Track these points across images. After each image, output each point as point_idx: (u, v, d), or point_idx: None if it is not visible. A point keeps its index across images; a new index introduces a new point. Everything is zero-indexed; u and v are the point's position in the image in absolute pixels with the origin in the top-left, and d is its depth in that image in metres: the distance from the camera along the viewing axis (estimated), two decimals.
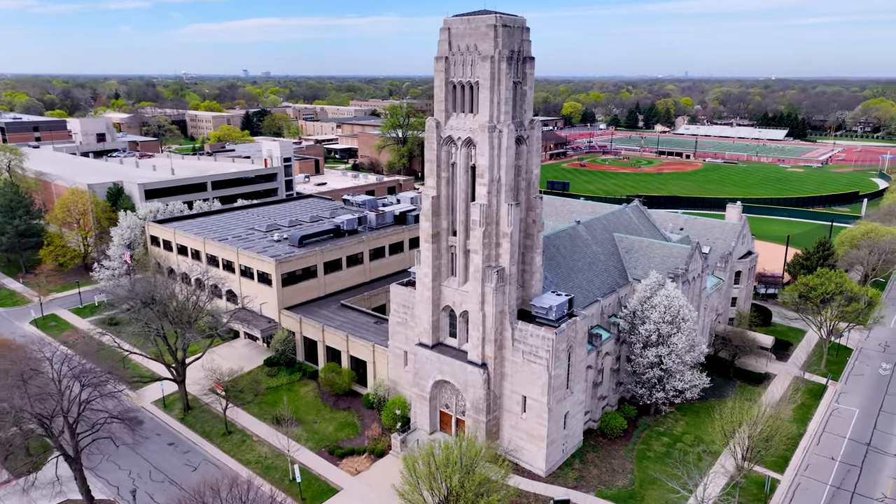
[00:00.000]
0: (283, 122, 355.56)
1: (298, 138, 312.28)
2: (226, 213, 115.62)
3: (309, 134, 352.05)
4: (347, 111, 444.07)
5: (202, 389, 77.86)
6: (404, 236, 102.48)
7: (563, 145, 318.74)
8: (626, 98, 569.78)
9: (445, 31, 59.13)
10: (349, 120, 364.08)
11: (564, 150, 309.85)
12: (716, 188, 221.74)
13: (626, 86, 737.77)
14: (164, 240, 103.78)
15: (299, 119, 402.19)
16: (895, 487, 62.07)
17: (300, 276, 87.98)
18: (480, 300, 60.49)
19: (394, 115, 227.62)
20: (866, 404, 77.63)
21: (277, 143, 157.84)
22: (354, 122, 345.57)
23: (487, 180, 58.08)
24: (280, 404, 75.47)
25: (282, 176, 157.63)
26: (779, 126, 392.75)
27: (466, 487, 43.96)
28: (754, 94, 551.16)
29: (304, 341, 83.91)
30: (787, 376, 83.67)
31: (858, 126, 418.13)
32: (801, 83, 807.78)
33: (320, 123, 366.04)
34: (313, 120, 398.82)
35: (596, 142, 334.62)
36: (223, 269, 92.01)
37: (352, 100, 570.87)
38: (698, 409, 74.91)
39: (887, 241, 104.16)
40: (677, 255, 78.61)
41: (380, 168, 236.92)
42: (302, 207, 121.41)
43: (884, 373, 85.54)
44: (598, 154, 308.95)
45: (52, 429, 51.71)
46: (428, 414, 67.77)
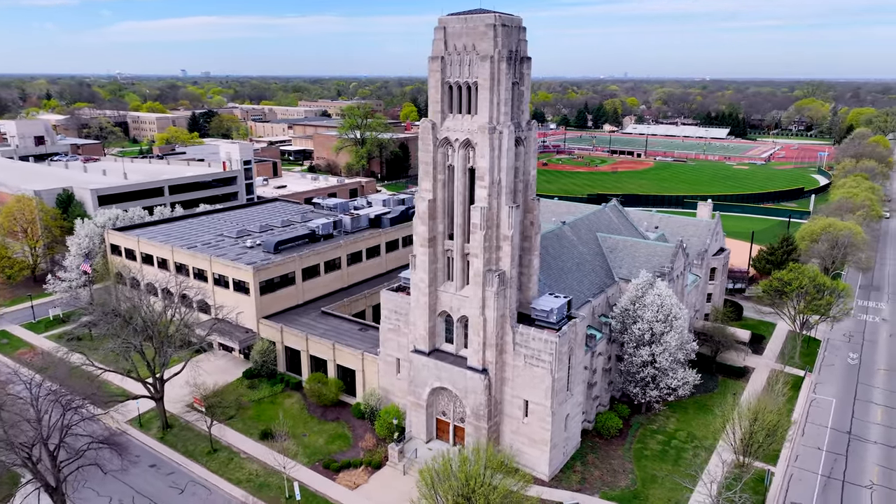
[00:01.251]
0: (232, 123, 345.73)
1: (249, 140, 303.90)
2: (190, 219, 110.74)
3: (259, 135, 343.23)
4: (297, 112, 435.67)
5: (180, 406, 74.21)
6: (381, 240, 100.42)
7: None
8: (572, 98, 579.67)
9: (440, 30, 57.73)
10: (301, 121, 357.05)
11: None
12: (671, 186, 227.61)
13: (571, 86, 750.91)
14: (126, 248, 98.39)
15: (247, 120, 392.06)
16: (881, 474, 64.32)
17: (278, 284, 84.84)
18: (481, 304, 59.36)
19: (351, 116, 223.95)
20: (841, 394, 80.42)
21: (237, 146, 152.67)
22: (307, 123, 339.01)
23: (488, 183, 57.01)
24: (264, 418, 72.62)
25: (242, 179, 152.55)
26: (721, 125, 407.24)
27: (491, 500, 42.72)
28: (695, 95, 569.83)
29: (286, 351, 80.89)
30: (765, 369, 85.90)
31: (793, 125, 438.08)
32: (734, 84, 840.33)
33: (270, 125, 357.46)
34: (263, 121, 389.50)
35: (550, 142, 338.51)
36: (194, 279, 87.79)
37: (300, 100, 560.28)
38: (686, 405, 75.94)
39: (845, 235, 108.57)
40: (662, 254, 79.52)
41: (337, 170, 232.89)
42: (269, 212, 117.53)
43: (852, 362, 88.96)
44: (553, 154, 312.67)
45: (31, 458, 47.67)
46: (424, 422, 66.21)
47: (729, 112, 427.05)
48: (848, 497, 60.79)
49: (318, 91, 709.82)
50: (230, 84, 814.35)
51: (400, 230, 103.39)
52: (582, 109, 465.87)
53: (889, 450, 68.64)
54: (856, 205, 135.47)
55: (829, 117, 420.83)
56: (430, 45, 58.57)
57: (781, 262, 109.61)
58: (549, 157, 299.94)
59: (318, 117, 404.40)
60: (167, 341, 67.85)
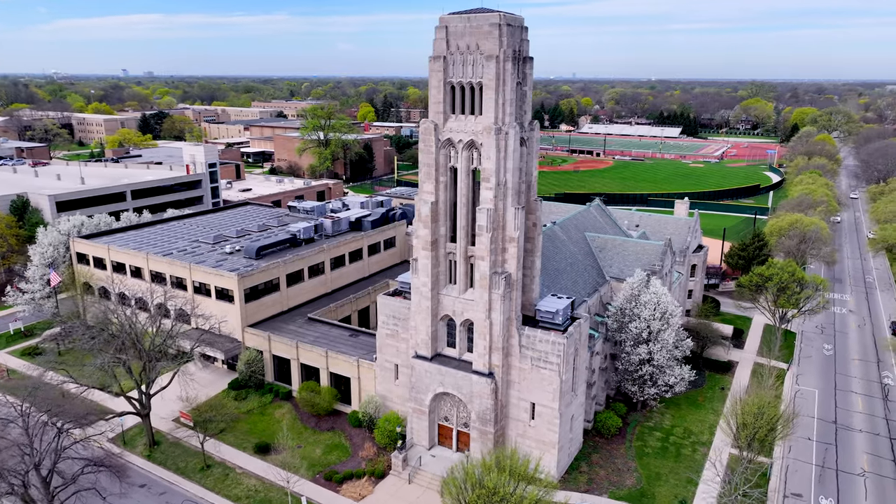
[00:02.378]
0: (185, 125, 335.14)
1: (205, 142, 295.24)
2: (160, 226, 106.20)
3: (214, 137, 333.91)
4: (252, 113, 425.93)
5: (165, 422, 70.96)
6: (363, 243, 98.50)
7: None
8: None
9: (442, 29, 56.68)
10: (257, 122, 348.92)
11: None
12: (633, 184, 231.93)
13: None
14: (94, 257, 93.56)
15: (200, 122, 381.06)
16: (871, 461, 66.50)
17: (263, 291, 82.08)
18: (487, 308, 58.57)
19: (314, 117, 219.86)
20: (822, 384, 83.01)
21: (201, 148, 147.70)
22: (264, 124, 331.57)
23: (494, 184, 56.24)
24: (256, 431, 70.15)
25: (207, 183, 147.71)
26: (673, 124, 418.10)
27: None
28: (646, 95, 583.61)
29: (274, 360, 78.30)
30: (748, 363, 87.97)
31: (740, 124, 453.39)
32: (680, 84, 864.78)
33: (226, 126, 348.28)
34: (216, 122, 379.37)
35: None
36: (172, 287, 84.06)
37: (253, 101, 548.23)
38: (679, 401, 76.97)
39: (812, 230, 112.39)
40: (651, 252, 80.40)
41: (300, 172, 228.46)
42: (242, 216, 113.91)
43: (827, 353, 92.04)
44: None
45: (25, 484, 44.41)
46: (427, 429, 64.98)
47: (680, 112, 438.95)
48: (843, 486, 62.58)
49: (271, 91, 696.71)
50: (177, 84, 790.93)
51: (381, 233, 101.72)
52: (538, 109, 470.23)
53: (874, 437, 71.10)
54: (815, 201, 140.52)
55: (773, 116, 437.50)
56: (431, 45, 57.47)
57: (753, 257, 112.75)
58: None
59: (274, 118, 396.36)
60: (154, 354, 64.62)
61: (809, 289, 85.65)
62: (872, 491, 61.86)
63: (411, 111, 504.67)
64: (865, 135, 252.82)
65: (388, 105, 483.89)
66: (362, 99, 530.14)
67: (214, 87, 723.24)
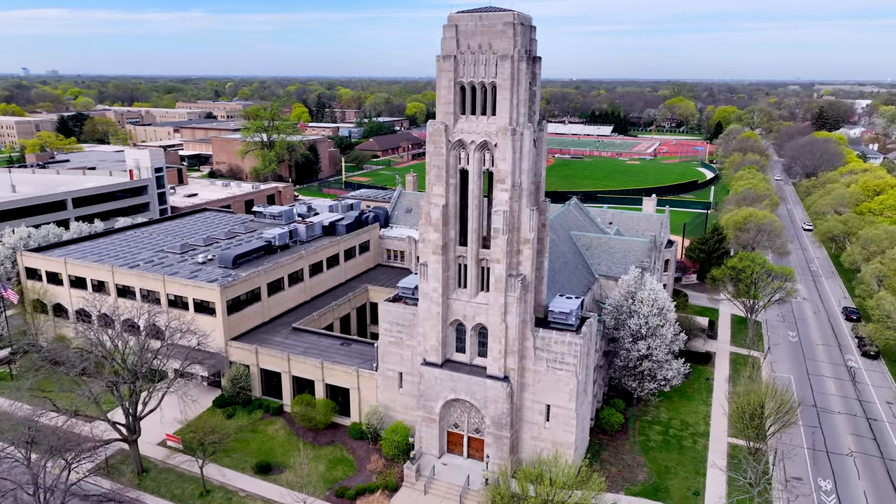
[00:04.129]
0: (108, 127, 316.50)
1: (133, 145, 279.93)
2: (115, 235, 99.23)
3: (141, 140, 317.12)
4: (179, 114, 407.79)
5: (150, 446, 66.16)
6: (339, 248, 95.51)
7: (420, 145, 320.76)
8: None
9: (452, 28, 55.35)
10: (188, 123, 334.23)
11: (424, 150, 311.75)
12: (576, 182, 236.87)
13: None
14: (48, 272, 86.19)
15: (124, 124, 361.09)
16: (855, 441, 70.18)
17: (244, 302, 78.01)
18: (502, 311, 57.74)
19: (257, 118, 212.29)
20: (795, 370, 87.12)
21: (147, 152, 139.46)
22: (196, 125, 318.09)
23: (509, 185, 55.47)
24: (251, 449, 66.60)
25: (153, 188, 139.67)
26: (604, 123, 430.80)
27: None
28: (575, 95, 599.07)
29: (262, 374, 74.56)
30: (725, 353, 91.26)
31: (666, 122, 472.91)
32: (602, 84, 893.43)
33: (153, 128, 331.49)
34: (141, 124, 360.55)
35: None
36: (143, 302, 78.54)
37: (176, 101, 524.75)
38: (670, 394, 78.69)
39: (767, 223, 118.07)
40: (637, 249, 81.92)
41: (242, 175, 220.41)
42: (203, 223, 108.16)
43: (793, 340, 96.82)
44: None
45: None
46: (437, 437, 63.50)
47: (611, 111, 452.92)
48: (836, 467, 65.68)
49: (195, 92, 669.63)
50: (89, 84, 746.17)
51: (357, 237, 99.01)
52: None
53: (853, 418, 75.14)
54: (759, 195, 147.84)
55: (696, 115, 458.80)
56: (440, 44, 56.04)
57: (713, 251, 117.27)
58: None
59: (203, 119, 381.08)
60: (144, 375, 60.04)
61: (780, 279, 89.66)
62: (863, 470, 65.24)
63: (346, 111, 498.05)
64: (787, 132, 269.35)
65: (322, 105, 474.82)
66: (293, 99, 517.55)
67: (132, 87, 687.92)
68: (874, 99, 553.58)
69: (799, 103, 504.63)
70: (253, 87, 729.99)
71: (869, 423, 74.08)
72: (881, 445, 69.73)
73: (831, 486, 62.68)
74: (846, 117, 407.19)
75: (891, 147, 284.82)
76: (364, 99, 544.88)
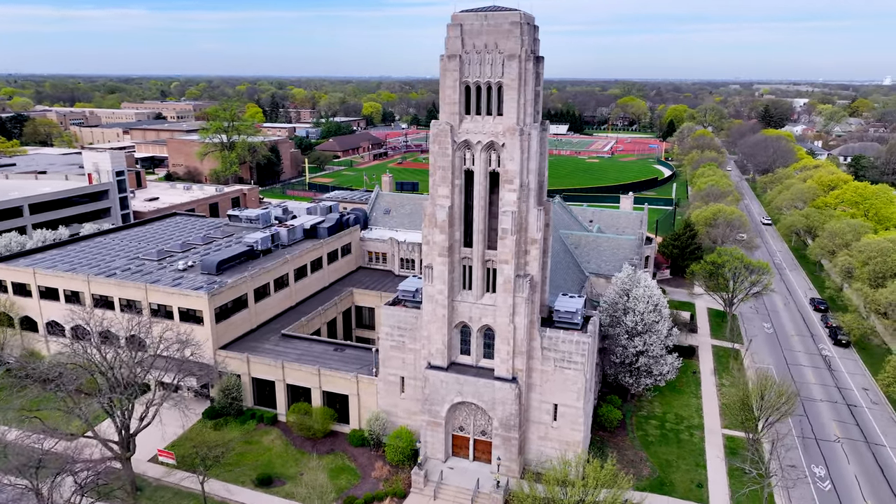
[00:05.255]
0: (52, 129, 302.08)
1: (80, 147, 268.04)
2: (83, 243, 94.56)
3: (88, 142, 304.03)
4: (126, 115, 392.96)
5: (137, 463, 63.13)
6: (322, 251, 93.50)
7: (381, 145, 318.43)
8: (415, 98, 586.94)
9: (456, 27, 54.72)
10: (138, 125, 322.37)
11: (385, 150, 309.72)
12: None
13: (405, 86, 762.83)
14: (14, 283, 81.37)
15: (67, 125, 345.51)
16: (841, 428, 72.87)
17: (232, 309, 75.46)
18: (511, 312, 57.48)
19: (216, 119, 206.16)
20: (775, 360, 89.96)
21: (107, 154, 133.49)
22: (147, 126, 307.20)
23: (517, 186, 55.21)
24: (248, 461, 64.47)
25: (115, 193, 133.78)
26: (560, 122, 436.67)
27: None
28: None
29: (253, 383, 72.25)
30: (707, 346, 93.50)
31: (619, 121, 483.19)
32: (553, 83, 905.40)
33: (101, 130, 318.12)
34: (87, 126, 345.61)
35: (411, 141, 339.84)
36: (122, 312, 74.95)
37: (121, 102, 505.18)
38: (661, 388, 79.96)
39: (735, 218, 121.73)
40: (626, 247, 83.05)
41: (200, 177, 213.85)
42: (176, 228, 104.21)
43: (769, 332, 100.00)
44: (417, 153, 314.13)
45: None
46: (443, 441, 62.75)
47: (565, 110, 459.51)
48: (826, 453, 68.05)
49: (139, 92, 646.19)
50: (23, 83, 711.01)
51: (339, 239, 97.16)
52: (431, 108, 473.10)
53: (833, 405, 78.04)
54: (722, 192, 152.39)
55: (647, 114, 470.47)
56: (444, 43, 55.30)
57: (686, 246, 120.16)
58: (415, 157, 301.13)
59: (153, 120, 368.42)
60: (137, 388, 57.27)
61: (757, 273, 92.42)
62: (852, 455, 67.77)
63: (300, 111, 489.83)
64: (738, 129, 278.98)
65: (276, 105, 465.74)
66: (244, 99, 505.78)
67: (71, 86, 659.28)
68: (810, 98, 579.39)
69: (743, 102, 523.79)
70: (200, 86, 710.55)
71: (850, 410, 77.06)
72: (864, 431, 72.60)
73: (824, 472, 64.87)
74: (788, 115, 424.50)
75: (832, 144, 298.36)
76: (318, 99, 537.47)
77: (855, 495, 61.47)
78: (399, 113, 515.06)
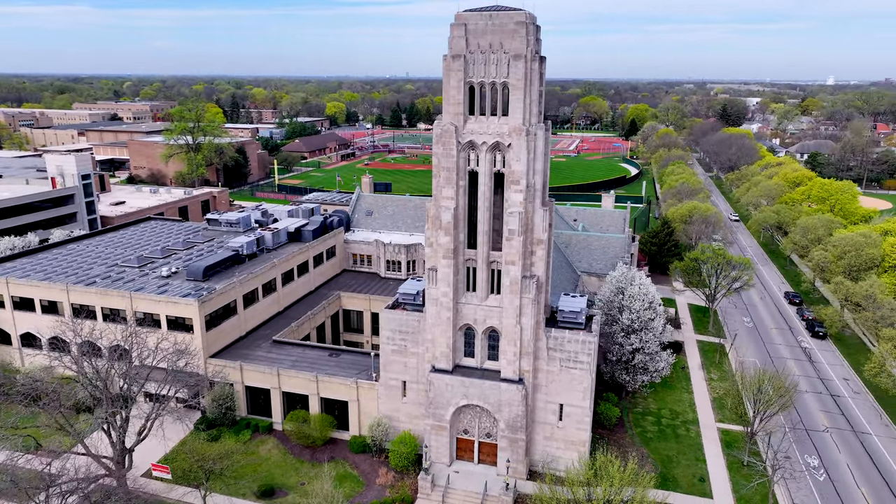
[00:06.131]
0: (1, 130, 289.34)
1: (34, 149, 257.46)
2: (55, 250, 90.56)
3: (41, 144, 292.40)
4: (80, 116, 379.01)
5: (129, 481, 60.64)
6: (308, 255, 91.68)
7: (347, 146, 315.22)
8: (377, 98, 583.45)
9: (460, 27, 54.16)
10: (94, 126, 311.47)
11: (352, 150, 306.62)
12: None
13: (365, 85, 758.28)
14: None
15: (16, 126, 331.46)
16: (828, 418, 74.99)
17: (222, 316, 73.26)
18: (517, 313, 57.24)
19: (182, 120, 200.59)
20: (759, 354, 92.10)
21: (72, 157, 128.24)
22: (105, 128, 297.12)
23: (524, 186, 54.98)
24: (246, 473, 62.51)
25: (81, 198, 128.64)
26: None
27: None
28: None
29: (247, 392, 70.27)
30: (692, 342, 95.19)
31: (581, 120, 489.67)
32: None
33: (54, 132, 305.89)
34: (38, 127, 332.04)
35: (378, 141, 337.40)
36: (105, 322, 71.98)
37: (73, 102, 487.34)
38: (653, 384, 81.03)
39: (711, 215, 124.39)
40: (615, 245, 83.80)
41: (165, 180, 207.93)
42: (153, 234, 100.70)
43: (749, 326, 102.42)
44: (384, 153, 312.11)
45: None
46: (447, 444, 62.15)
47: None
48: (817, 443, 69.93)
49: (91, 92, 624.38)
50: None
51: (324, 242, 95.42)
52: (395, 108, 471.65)
53: (818, 396, 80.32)
54: (693, 189, 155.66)
55: (609, 113, 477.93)
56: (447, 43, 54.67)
57: (664, 243, 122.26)
58: (382, 157, 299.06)
59: (109, 122, 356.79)
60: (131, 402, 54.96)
61: (739, 269, 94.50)
62: (841, 445, 69.80)
63: (262, 111, 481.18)
64: (700, 128, 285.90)
65: (236, 105, 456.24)
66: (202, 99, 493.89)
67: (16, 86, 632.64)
68: (762, 97, 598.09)
69: (700, 101, 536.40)
70: (155, 86, 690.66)
71: (834, 400, 79.44)
72: (850, 420, 74.91)
73: (818, 461, 66.64)
74: (744, 114, 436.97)
75: (788, 141, 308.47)
76: (280, 99, 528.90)
77: (849, 482, 63.31)
78: (363, 113, 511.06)
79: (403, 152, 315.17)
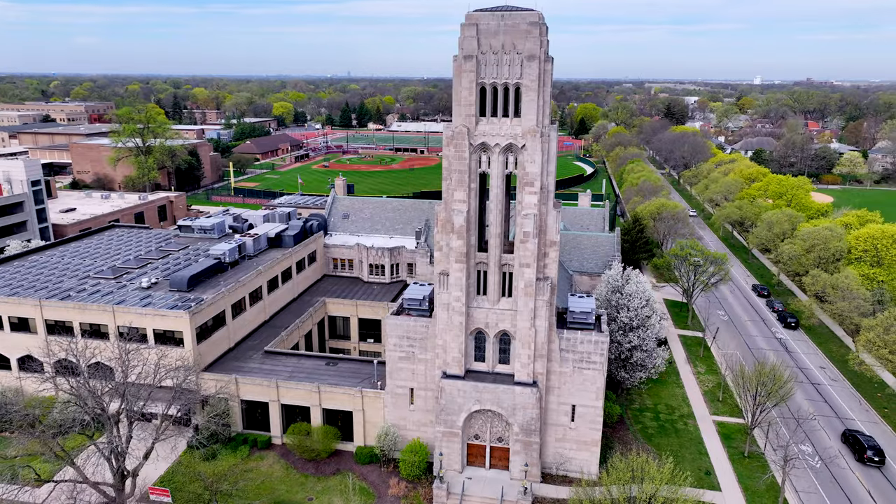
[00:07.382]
0: None
1: None
2: (14, 262, 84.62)
3: None
4: (9, 117, 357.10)
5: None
6: (291, 261, 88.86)
7: (300, 147, 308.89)
8: (324, 98, 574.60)
9: (472, 27, 53.24)
10: (26, 128, 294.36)
11: (305, 151, 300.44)
12: None
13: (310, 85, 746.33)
14: None
15: None
16: (814, 406, 77.83)
17: (212, 328, 70.00)
18: (532, 316, 56.81)
19: (130, 121, 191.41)
20: (739, 347, 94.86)
21: (21, 162, 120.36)
22: (39, 130, 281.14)
23: (538, 188, 54.60)
24: (250, 492, 59.83)
25: (31, 205, 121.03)
26: None
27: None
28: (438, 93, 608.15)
29: (243, 406, 67.34)
30: (673, 336, 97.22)
31: None
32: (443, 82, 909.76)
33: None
34: None
35: (331, 142, 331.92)
36: (85, 338, 67.50)
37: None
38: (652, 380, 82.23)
39: (680, 212, 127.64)
40: (605, 244, 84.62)
41: (112, 185, 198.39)
42: (120, 242, 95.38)
43: (724, 319, 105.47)
44: (338, 154, 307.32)
45: None
46: (459, 451, 61.19)
47: None
48: (809, 432, 72.38)
49: (16, 91, 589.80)
50: None
51: (305, 247, 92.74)
52: (345, 108, 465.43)
53: (799, 385, 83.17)
54: (655, 186, 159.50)
55: (557, 112, 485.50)
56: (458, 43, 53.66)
57: (636, 240, 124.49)
58: (337, 158, 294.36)
59: (42, 123, 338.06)
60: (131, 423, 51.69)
61: (717, 264, 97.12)
62: (830, 431, 72.55)
63: (205, 112, 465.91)
64: (650, 126, 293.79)
65: (178, 106, 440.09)
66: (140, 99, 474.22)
67: None
68: (699, 96, 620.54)
69: (643, 100, 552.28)
70: (86, 86, 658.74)
71: (815, 388, 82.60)
72: (833, 406, 78.01)
73: (811, 449, 69.01)
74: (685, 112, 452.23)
75: (731, 139, 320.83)
76: (223, 99, 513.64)
77: (843, 466, 65.78)
78: (310, 113, 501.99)
79: (357, 153, 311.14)
